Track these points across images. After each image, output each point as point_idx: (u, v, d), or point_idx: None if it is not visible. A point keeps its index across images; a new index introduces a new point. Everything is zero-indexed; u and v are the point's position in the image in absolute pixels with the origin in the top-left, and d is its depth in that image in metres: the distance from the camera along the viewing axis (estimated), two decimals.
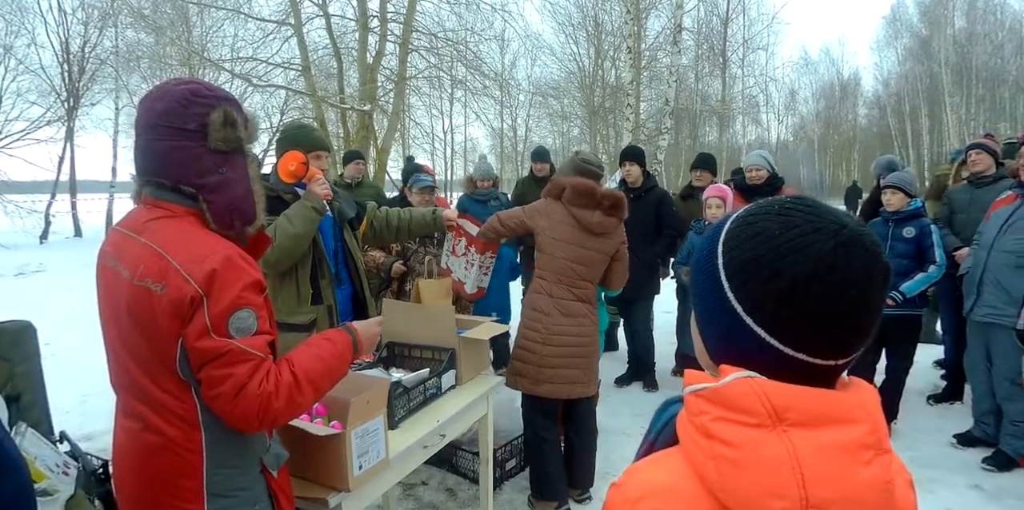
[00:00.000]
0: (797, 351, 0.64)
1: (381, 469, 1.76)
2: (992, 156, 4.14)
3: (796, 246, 0.63)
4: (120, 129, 19.58)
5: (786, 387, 0.62)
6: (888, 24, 33.88)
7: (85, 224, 18.28)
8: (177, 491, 1.28)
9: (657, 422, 0.76)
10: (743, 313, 0.66)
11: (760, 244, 0.65)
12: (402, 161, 24.48)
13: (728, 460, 0.60)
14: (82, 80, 16.52)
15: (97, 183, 21.74)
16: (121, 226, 1.33)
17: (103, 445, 3.66)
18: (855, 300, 0.63)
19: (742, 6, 25.39)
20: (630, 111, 11.92)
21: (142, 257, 1.23)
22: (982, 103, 29.06)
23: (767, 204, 0.70)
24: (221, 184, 1.30)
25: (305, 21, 12.52)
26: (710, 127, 28.67)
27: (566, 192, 2.85)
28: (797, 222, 0.65)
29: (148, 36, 16.30)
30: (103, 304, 1.35)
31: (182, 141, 1.26)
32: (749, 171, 4.67)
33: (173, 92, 1.28)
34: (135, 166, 1.32)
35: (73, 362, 4.99)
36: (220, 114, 1.27)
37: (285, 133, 2.67)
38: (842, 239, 0.63)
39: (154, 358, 1.24)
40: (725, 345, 0.70)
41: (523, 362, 2.91)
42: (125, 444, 1.34)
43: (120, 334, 1.29)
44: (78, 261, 11.80)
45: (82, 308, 7.54)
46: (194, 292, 1.18)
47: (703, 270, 0.71)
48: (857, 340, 0.66)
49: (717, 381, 0.64)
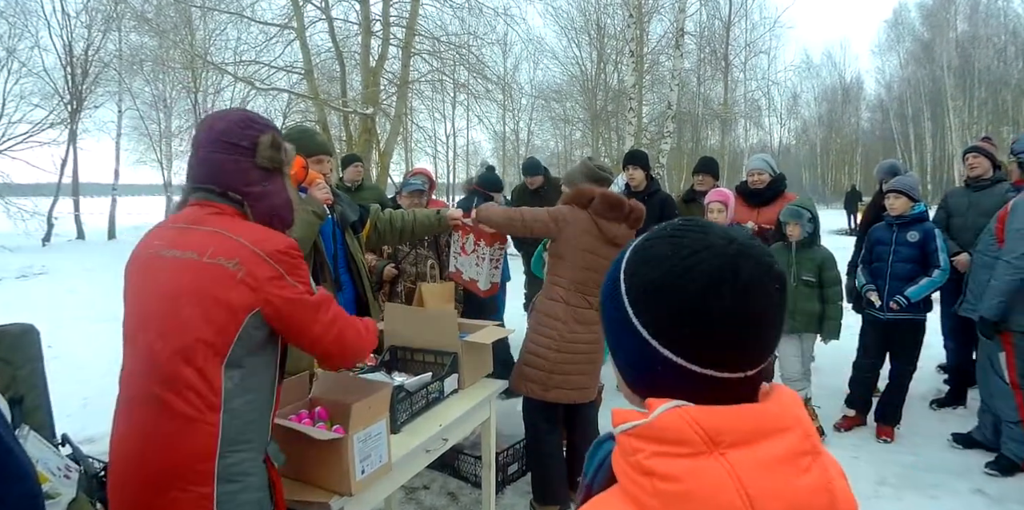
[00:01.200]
0: (705, 368, 0.65)
1: (383, 474, 1.76)
2: (989, 159, 4.14)
3: (688, 265, 0.65)
4: (122, 132, 19.66)
5: (714, 410, 0.62)
6: (890, 27, 33.91)
7: (87, 226, 18.30)
8: (189, 474, 1.33)
9: (591, 464, 0.74)
10: (649, 337, 0.67)
11: (655, 267, 0.67)
12: (404, 165, 24.56)
13: (672, 495, 0.59)
14: (85, 83, 16.57)
15: (100, 186, 21.83)
16: (174, 222, 1.49)
17: (104, 448, 3.63)
18: (752, 312, 0.65)
19: (744, 10, 25.43)
20: (632, 115, 11.92)
21: (210, 241, 1.40)
22: (984, 107, 29.02)
23: (661, 228, 0.73)
24: (263, 194, 1.51)
25: (308, 25, 12.54)
26: (712, 131, 28.66)
27: (595, 203, 2.81)
28: (687, 243, 0.67)
29: (151, 39, 16.36)
30: (144, 292, 1.45)
31: (235, 155, 1.47)
32: (751, 175, 4.65)
33: (232, 116, 1.54)
34: (188, 175, 1.53)
35: (75, 365, 5.00)
36: (269, 137, 1.51)
37: (286, 138, 2.67)
38: (731, 253, 0.65)
39: (202, 336, 1.34)
40: (639, 372, 0.70)
41: (534, 368, 2.88)
42: (133, 432, 1.38)
43: (166, 316, 1.38)
44: (81, 263, 11.81)
45: (84, 310, 7.56)
46: (269, 267, 1.40)
47: (609, 299, 0.72)
48: (762, 351, 0.67)
49: (645, 416, 0.63)
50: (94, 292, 8.76)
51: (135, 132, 21.93)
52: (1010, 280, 3.23)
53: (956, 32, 29.04)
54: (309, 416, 1.80)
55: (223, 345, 1.36)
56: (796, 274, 3.78)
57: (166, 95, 20.47)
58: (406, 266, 3.85)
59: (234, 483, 1.37)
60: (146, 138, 22.13)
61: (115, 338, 1.56)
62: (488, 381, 2.69)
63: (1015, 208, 3.32)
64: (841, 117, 37.39)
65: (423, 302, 2.87)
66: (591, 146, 24.07)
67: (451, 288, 3.31)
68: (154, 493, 1.34)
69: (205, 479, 1.33)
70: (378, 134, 12.96)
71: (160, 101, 20.60)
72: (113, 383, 1.50)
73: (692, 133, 27.42)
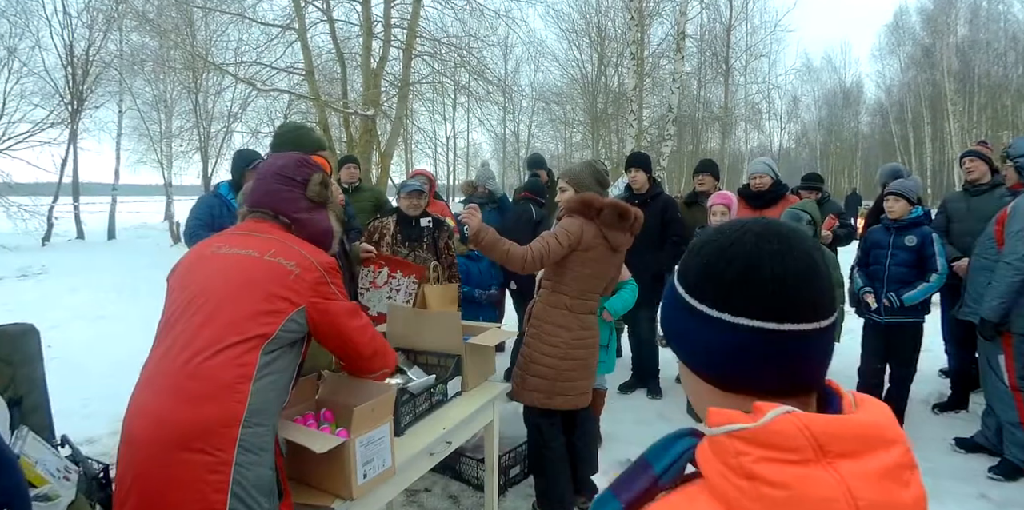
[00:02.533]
0: (781, 323, 0.68)
1: (387, 478, 1.74)
2: (987, 163, 4.13)
3: (732, 238, 0.72)
4: (123, 132, 19.60)
5: (823, 418, 0.62)
6: (891, 32, 33.89)
7: (87, 226, 18.23)
8: (215, 436, 1.41)
9: (663, 457, 0.72)
10: (720, 314, 0.70)
11: (704, 252, 0.74)
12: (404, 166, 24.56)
13: (778, 501, 0.58)
14: (86, 83, 16.51)
15: (100, 185, 21.75)
16: (236, 230, 1.75)
17: (104, 449, 3.64)
18: (799, 264, 0.69)
19: (745, 14, 25.45)
20: (633, 117, 11.92)
21: (270, 244, 1.65)
22: (984, 111, 29.03)
23: (709, 229, 0.80)
24: (308, 222, 1.78)
25: (309, 26, 12.51)
26: (712, 134, 28.67)
27: (605, 214, 2.76)
28: (725, 227, 0.75)
29: (152, 39, 16.35)
30: (200, 278, 1.62)
31: (289, 186, 1.76)
32: (753, 179, 4.66)
33: (291, 156, 1.85)
34: (248, 199, 1.80)
35: (75, 365, 4.98)
36: (319, 176, 1.82)
37: (285, 135, 2.65)
38: (763, 222, 0.74)
39: (252, 319, 1.52)
40: (724, 359, 0.71)
41: (538, 377, 2.85)
42: (166, 393, 1.45)
43: (223, 298, 1.55)
44: (80, 263, 11.78)
45: (85, 310, 7.54)
46: (318, 275, 1.64)
47: (672, 308, 0.77)
48: (824, 296, 0.70)
49: (750, 418, 0.63)
50: (94, 292, 8.74)
51: (135, 132, 21.91)
52: (1011, 282, 3.23)
53: (956, 37, 29.05)
54: (315, 418, 1.79)
55: (267, 331, 1.52)
56: None
57: (167, 95, 20.45)
58: None
59: (252, 454, 1.45)
60: (147, 138, 22.11)
61: (116, 339, 1.59)
62: (491, 384, 2.67)
63: (1014, 211, 3.32)
64: (841, 121, 37.38)
65: (426, 304, 2.85)
66: (591, 149, 24.08)
67: (455, 290, 3.30)
68: (179, 450, 1.40)
69: (228, 444, 1.42)
70: (379, 135, 12.94)
71: (161, 101, 20.59)
72: (114, 384, 1.51)
73: (692, 136, 27.45)
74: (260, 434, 1.48)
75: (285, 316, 1.55)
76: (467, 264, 4.55)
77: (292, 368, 1.62)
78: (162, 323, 1.60)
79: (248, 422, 1.45)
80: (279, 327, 1.54)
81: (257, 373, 1.49)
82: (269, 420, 1.52)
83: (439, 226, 3.95)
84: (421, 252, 3.84)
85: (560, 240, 2.72)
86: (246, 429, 1.45)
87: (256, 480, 1.45)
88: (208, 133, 19.60)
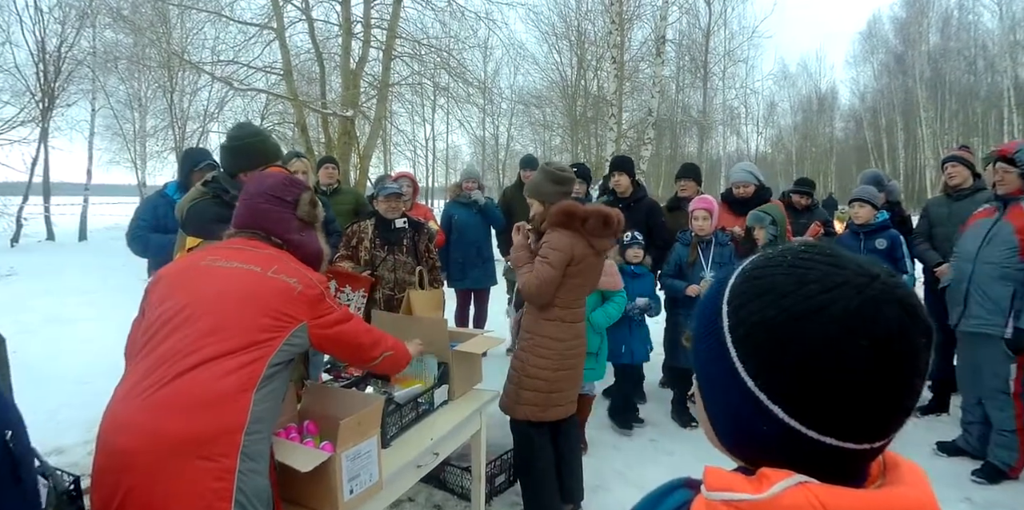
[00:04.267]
0: (823, 435, 0.54)
1: (374, 493, 1.68)
2: (968, 168, 4.17)
3: (815, 305, 0.54)
4: (96, 131, 19.20)
5: (847, 494, 0.52)
6: (864, 39, 34.52)
7: (58, 227, 17.83)
8: (219, 442, 1.40)
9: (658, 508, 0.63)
10: (755, 388, 0.56)
11: (770, 304, 0.56)
12: (383, 168, 24.38)
13: None
14: (58, 80, 16.13)
15: (71, 185, 21.28)
16: (228, 244, 1.73)
17: (75, 459, 3.52)
18: (891, 369, 0.53)
19: (723, 19, 25.68)
20: (613, 121, 11.94)
21: (272, 261, 1.66)
22: (956, 118, 29.68)
23: (777, 254, 0.60)
24: (300, 243, 1.78)
25: (288, 25, 12.35)
26: (690, 138, 28.88)
27: (590, 224, 2.71)
28: (815, 276, 0.56)
29: (127, 37, 16.06)
30: (198, 291, 1.58)
31: (279, 206, 1.76)
32: (736, 188, 4.67)
33: (278, 175, 1.88)
34: (235, 220, 1.79)
35: (43, 372, 4.82)
36: (308, 195, 1.84)
37: (244, 141, 2.42)
38: (871, 294, 0.54)
39: (257, 334, 1.52)
40: (735, 425, 0.60)
41: (533, 390, 2.78)
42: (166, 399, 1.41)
43: (226, 312, 1.53)
44: (51, 265, 11.50)
45: (55, 313, 7.33)
46: (319, 292, 1.67)
47: (706, 335, 0.61)
48: (896, 418, 0.56)
49: (753, 485, 0.54)
50: (65, 295, 8.52)
51: (108, 131, 21.49)
52: None
53: (928, 45, 29.65)
54: (298, 431, 1.72)
55: (272, 345, 1.53)
56: None
57: (141, 94, 20.10)
58: (383, 272, 3.76)
59: (252, 461, 1.44)
60: (120, 138, 21.69)
61: (86, 343, 1.52)
62: (478, 391, 2.62)
63: None
64: (816, 126, 37.87)
65: (411, 310, 2.79)
66: (570, 152, 24.10)
67: (440, 295, 3.24)
68: (179, 459, 1.37)
69: (232, 450, 1.41)
70: (357, 137, 12.82)
71: (135, 100, 20.22)
72: (85, 391, 1.45)
73: (671, 140, 27.62)
74: (259, 441, 1.48)
75: (288, 331, 1.58)
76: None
77: (287, 380, 1.63)
78: (145, 333, 1.56)
79: (250, 429, 1.45)
80: (283, 341, 1.56)
81: (260, 383, 1.49)
82: (267, 429, 1.52)
83: (418, 229, 3.88)
84: (401, 256, 3.76)
85: (554, 265, 2.66)
86: (248, 436, 1.44)
87: (256, 489, 1.45)
88: (183, 133, 19.25)
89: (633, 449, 3.82)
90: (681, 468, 3.46)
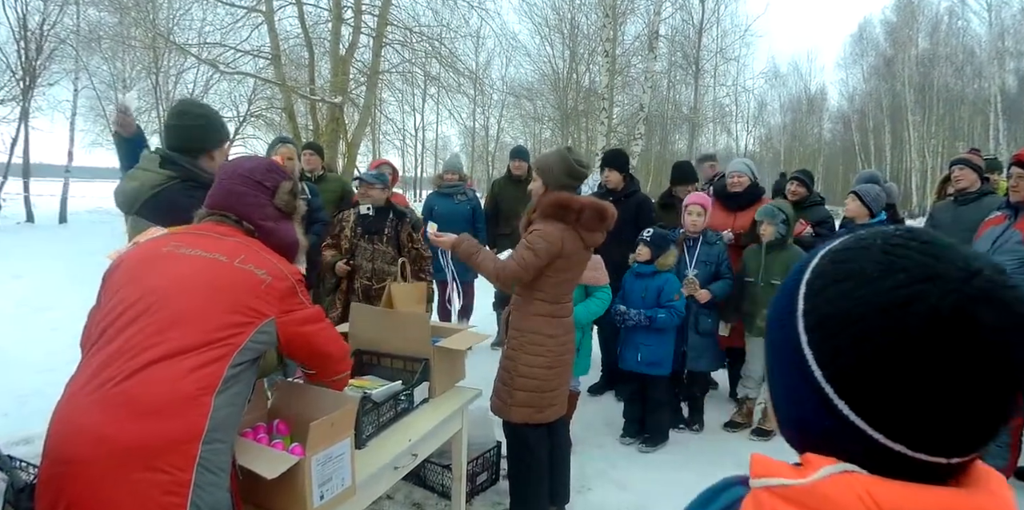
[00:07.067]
0: (894, 441, 0.48)
1: (346, 498, 1.59)
2: (976, 172, 4.10)
3: (903, 297, 0.46)
4: (78, 112, 18.85)
5: (898, 488, 0.45)
6: (855, 42, 34.69)
7: (38, 209, 17.51)
8: (174, 453, 1.28)
9: (709, 506, 0.58)
10: (822, 379, 0.50)
11: (851, 291, 0.49)
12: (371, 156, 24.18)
13: None
14: (39, 59, 15.76)
15: (52, 167, 20.94)
16: (192, 230, 1.62)
17: (41, 449, 3.40)
18: (987, 377, 0.46)
19: (716, 17, 25.64)
20: (604, 115, 11.87)
21: (240, 249, 1.54)
22: (942, 122, 29.89)
23: (868, 236, 0.53)
24: (273, 231, 1.67)
25: (277, 8, 12.14)
26: (680, 135, 28.87)
27: (584, 218, 2.59)
28: (905, 264, 0.48)
29: (111, 16, 15.69)
30: (156, 280, 1.46)
31: (256, 191, 1.66)
32: (731, 177, 4.56)
33: (261, 159, 1.80)
34: (208, 202, 1.67)
35: (12, 359, 4.68)
36: (289, 184, 1.72)
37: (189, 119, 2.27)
38: (970, 293, 0.46)
39: (220, 329, 1.40)
40: (799, 414, 0.54)
41: (527, 391, 2.66)
42: (115, 406, 1.29)
43: (187, 304, 1.41)
44: (29, 248, 11.26)
45: (28, 298, 7.14)
46: (290, 285, 1.56)
47: (779, 316, 0.55)
48: (985, 432, 0.48)
49: (798, 472, 0.48)
50: (41, 279, 8.32)
51: (91, 112, 21.07)
52: None
53: (917, 49, 29.82)
54: (266, 431, 1.63)
55: (236, 342, 1.41)
56: (765, 276, 3.78)
57: (125, 75, 19.66)
58: (361, 262, 3.66)
59: (211, 474, 1.32)
60: (103, 119, 21.24)
61: (58, 330, 1.41)
62: (460, 389, 2.53)
63: None
64: (804, 127, 38.03)
65: (392, 303, 2.68)
66: (561, 145, 24.03)
67: (423, 288, 3.14)
68: (127, 470, 1.24)
69: (187, 462, 1.28)
70: (346, 124, 12.65)
71: (119, 81, 19.77)
72: (53, 380, 1.33)
73: (661, 136, 27.58)
74: (219, 451, 1.35)
75: (255, 327, 1.45)
76: None
77: (252, 382, 1.50)
78: (97, 326, 1.43)
79: (209, 438, 1.32)
80: (248, 338, 1.43)
81: (222, 385, 1.36)
82: (228, 437, 1.39)
83: (401, 218, 3.78)
84: (381, 245, 3.66)
85: (539, 254, 2.53)
86: (206, 446, 1.31)
87: (214, 504, 1.32)
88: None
89: (616, 448, 3.75)
90: (664, 468, 3.41)
